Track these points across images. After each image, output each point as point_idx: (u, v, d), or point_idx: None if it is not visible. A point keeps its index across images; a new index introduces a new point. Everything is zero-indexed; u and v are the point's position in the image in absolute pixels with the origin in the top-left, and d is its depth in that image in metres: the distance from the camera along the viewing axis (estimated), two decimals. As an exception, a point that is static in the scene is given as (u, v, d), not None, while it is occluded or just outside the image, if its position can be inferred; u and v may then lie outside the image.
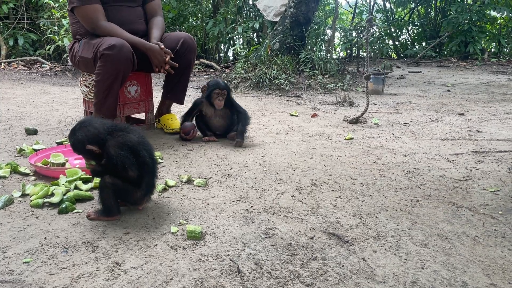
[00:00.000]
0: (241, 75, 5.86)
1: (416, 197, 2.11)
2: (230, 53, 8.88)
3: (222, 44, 8.69)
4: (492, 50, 10.00)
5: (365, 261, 1.52)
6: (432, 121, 3.83)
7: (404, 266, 1.49)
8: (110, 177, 1.76)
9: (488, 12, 9.44)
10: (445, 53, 10.06)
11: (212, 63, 7.69)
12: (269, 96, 5.20)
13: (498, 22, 10.05)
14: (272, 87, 5.52)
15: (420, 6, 11.00)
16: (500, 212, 1.95)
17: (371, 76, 5.37)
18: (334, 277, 1.42)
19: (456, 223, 1.83)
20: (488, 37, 9.63)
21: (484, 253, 1.59)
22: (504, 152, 2.84)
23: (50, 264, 1.46)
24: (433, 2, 10.54)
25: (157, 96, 3.56)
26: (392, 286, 1.37)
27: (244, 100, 4.94)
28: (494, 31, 9.96)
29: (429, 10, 10.91)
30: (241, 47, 7.38)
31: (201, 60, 7.89)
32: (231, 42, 8.48)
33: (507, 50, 9.88)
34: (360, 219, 1.85)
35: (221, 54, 9.03)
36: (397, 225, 1.80)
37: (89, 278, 1.38)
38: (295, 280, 1.40)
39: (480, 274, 1.45)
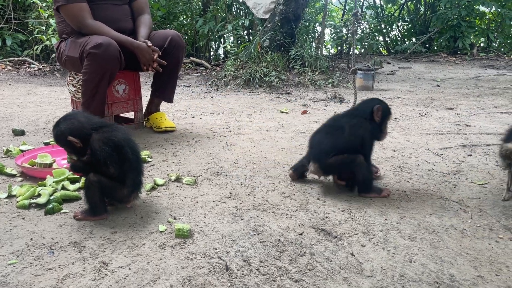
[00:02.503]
0: (232, 72, 5.85)
1: (404, 191, 2.12)
2: (221, 51, 8.85)
3: (213, 42, 8.66)
4: (481, 45, 10.07)
5: (354, 255, 1.52)
6: (421, 116, 3.85)
7: (392, 260, 1.49)
8: (95, 175, 1.74)
9: (477, 7, 9.50)
10: (435, 48, 10.12)
11: (203, 61, 7.65)
12: (260, 94, 5.20)
13: (487, 17, 10.11)
14: (262, 85, 5.51)
15: (409, 2, 11.04)
16: (488, 205, 1.96)
17: (361, 72, 5.39)
18: (322, 272, 1.42)
19: (444, 216, 1.84)
20: (477, 32, 9.69)
21: (471, 246, 1.60)
22: (492, 145, 2.86)
23: (36, 265, 1.44)
24: (423, -3, 10.59)
25: (146, 95, 3.54)
26: (380, 280, 1.38)
27: (234, 97, 4.93)
28: (483, 26, 10.02)
29: (418, 6, 10.95)
30: (231, 44, 7.36)
31: (192, 58, 7.85)
32: (221, 40, 8.45)
33: (495, 45, 9.96)
34: (349, 214, 1.86)
35: (212, 52, 8.99)
36: (386, 219, 1.80)
37: (75, 279, 1.37)
38: (284, 276, 1.40)
39: (467, 267, 1.46)
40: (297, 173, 2.24)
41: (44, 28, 6.95)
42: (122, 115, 3.40)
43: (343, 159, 2.00)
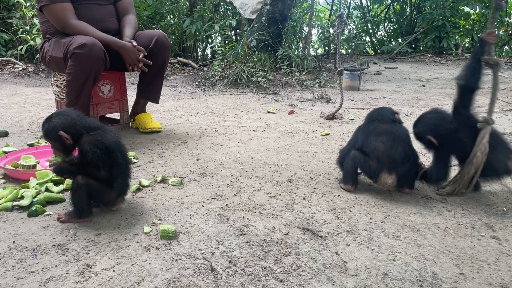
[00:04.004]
0: (219, 73, 5.84)
1: (389, 191, 2.14)
2: (208, 51, 8.83)
3: (200, 42, 8.64)
4: (466, 45, 10.21)
5: (338, 255, 1.53)
6: (406, 115, 3.89)
7: (376, 258, 1.51)
8: (84, 178, 1.73)
9: (461, 8, 9.63)
10: (421, 48, 10.23)
11: (190, 62, 7.63)
12: (247, 94, 5.20)
13: (472, 17, 10.26)
14: (249, 85, 5.51)
15: (395, 3, 11.14)
16: (470, 204, 1.99)
17: (348, 72, 5.42)
18: (307, 272, 1.43)
19: (428, 215, 1.86)
20: (462, 33, 9.82)
21: (454, 244, 1.62)
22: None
23: (18, 268, 1.42)
24: (408, -2, 10.70)
25: (132, 96, 3.51)
26: (364, 279, 1.39)
27: (221, 98, 4.92)
28: (467, 26, 10.16)
29: (404, 6, 11.07)
30: (219, 45, 7.35)
31: (179, 58, 7.82)
32: (209, 40, 8.43)
33: (480, 45, 10.08)
34: (334, 213, 1.87)
35: (199, 52, 8.97)
36: (370, 218, 1.82)
37: (58, 282, 1.35)
38: (268, 276, 1.40)
39: (449, 264, 1.48)
40: (356, 185, 2.14)
41: (28, 28, 6.86)
42: (107, 115, 3.37)
43: (414, 165, 2.07)
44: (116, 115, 3.36)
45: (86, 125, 1.78)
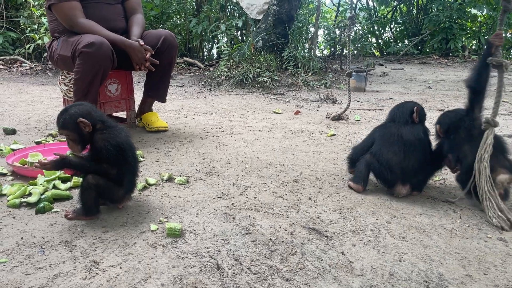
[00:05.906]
0: (225, 73, 5.85)
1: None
2: (214, 51, 8.85)
3: (206, 43, 8.66)
4: (473, 47, 10.17)
5: (344, 255, 1.53)
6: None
7: (382, 259, 1.51)
8: (94, 178, 1.73)
9: (468, 10, 9.60)
10: (427, 50, 10.19)
11: (196, 62, 7.65)
12: (253, 94, 5.20)
13: (479, 19, 10.22)
14: (255, 85, 5.52)
15: (402, 4, 11.12)
16: (477, 205, 1.98)
17: (354, 73, 5.42)
18: (313, 271, 1.43)
19: (434, 216, 1.86)
20: (468, 35, 9.79)
21: (460, 245, 1.62)
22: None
23: (26, 264, 1.44)
24: (415, 0, 10.67)
25: (139, 95, 3.53)
26: (370, 279, 1.39)
27: (227, 98, 4.93)
28: (474, 28, 10.12)
29: (411, 8, 11.04)
30: (225, 45, 7.36)
31: (185, 58, 7.84)
32: (215, 40, 8.45)
33: (487, 47, 10.04)
34: (340, 214, 1.87)
35: (205, 53, 8.99)
36: (376, 219, 1.82)
37: (66, 278, 1.36)
38: (275, 275, 1.40)
39: (456, 266, 1.48)
40: (366, 186, 2.14)
41: (36, 27, 6.91)
42: (114, 114, 3.39)
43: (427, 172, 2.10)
44: (123, 114, 3.38)
45: (100, 117, 1.80)
